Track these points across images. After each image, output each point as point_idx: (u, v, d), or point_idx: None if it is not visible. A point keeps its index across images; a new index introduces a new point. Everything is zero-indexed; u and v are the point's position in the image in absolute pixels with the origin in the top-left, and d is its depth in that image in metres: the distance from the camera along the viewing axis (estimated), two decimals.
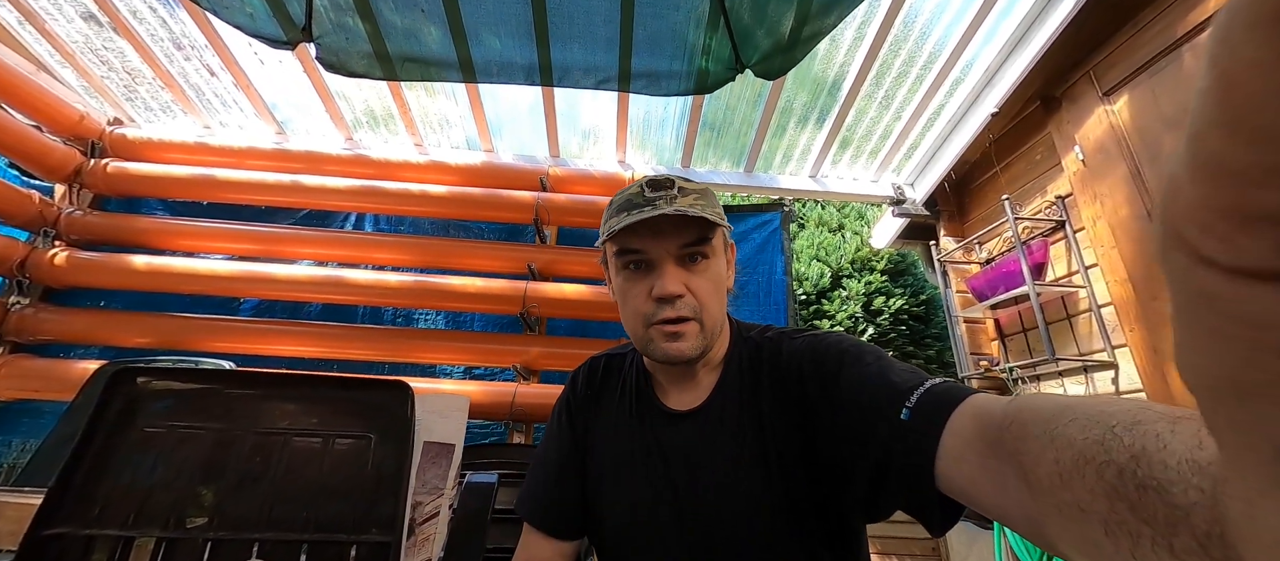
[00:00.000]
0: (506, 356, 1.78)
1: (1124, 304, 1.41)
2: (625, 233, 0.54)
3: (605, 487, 0.61)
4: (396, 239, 1.96)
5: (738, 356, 0.60)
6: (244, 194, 1.90)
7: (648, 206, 0.54)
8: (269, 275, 1.78)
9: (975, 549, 2.96)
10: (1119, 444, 0.23)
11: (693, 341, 0.55)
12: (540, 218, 1.91)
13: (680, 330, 0.55)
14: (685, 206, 0.54)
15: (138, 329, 1.70)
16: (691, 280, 0.56)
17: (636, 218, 0.53)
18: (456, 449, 0.97)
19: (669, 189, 0.55)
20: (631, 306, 0.57)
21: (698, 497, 0.55)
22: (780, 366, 0.56)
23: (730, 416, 0.57)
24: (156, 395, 0.75)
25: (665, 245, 0.55)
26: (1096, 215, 1.51)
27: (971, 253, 2.04)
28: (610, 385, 0.67)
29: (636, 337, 0.58)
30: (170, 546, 0.66)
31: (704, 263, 0.57)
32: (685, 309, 0.55)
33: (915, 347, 4.22)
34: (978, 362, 1.91)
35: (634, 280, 0.57)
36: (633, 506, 0.58)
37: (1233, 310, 0.07)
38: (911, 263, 4.36)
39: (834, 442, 0.49)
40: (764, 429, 0.55)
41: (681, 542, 0.55)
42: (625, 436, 0.61)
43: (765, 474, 0.53)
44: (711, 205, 0.57)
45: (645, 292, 0.56)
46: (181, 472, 0.70)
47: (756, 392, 0.57)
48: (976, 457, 0.33)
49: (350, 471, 0.75)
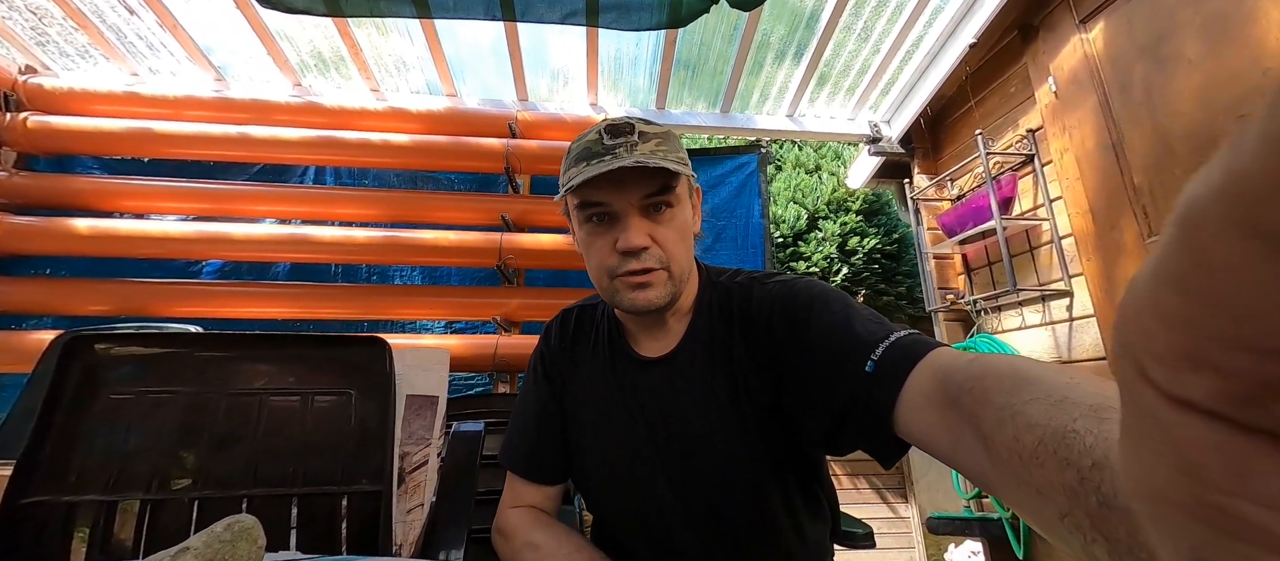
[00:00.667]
0: (486, 309, 1.77)
1: (1083, 235, 1.47)
2: (585, 186, 0.53)
3: (585, 437, 0.62)
4: (362, 193, 1.87)
5: (707, 302, 0.61)
6: (187, 148, 1.77)
7: (607, 155, 0.52)
8: (228, 235, 1.70)
9: (935, 465, 3.22)
10: (1080, 445, 0.22)
11: (660, 290, 0.55)
12: (511, 166, 1.85)
13: (647, 280, 0.54)
14: (646, 154, 0.52)
15: (93, 296, 1.62)
16: (656, 230, 0.55)
17: (596, 170, 0.51)
18: (440, 400, 0.98)
19: (629, 135, 0.53)
20: (596, 259, 0.56)
21: (674, 442, 0.57)
22: (750, 312, 0.57)
23: (701, 361, 0.58)
24: (118, 361, 0.72)
25: (627, 196, 0.54)
26: (1064, 147, 1.54)
27: (944, 189, 2.07)
28: (583, 336, 0.67)
29: (603, 290, 0.58)
30: (156, 508, 0.67)
31: (669, 211, 0.55)
32: (651, 260, 0.54)
33: (887, 285, 4.37)
34: (944, 297, 2.00)
35: (597, 233, 0.56)
36: (613, 454, 0.60)
37: (1166, 432, 0.08)
38: (885, 202, 4.42)
39: (801, 387, 0.50)
40: (735, 372, 0.56)
41: (663, 484, 0.57)
42: (601, 386, 0.62)
43: (738, 415, 0.55)
44: (674, 150, 0.55)
45: (609, 246, 0.55)
46: (158, 437, 0.69)
47: (727, 337, 0.57)
48: (935, 411, 0.35)
49: (333, 427, 0.76)
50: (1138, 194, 1.32)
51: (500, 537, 0.62)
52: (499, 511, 0.64)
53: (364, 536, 0.71)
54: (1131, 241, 1.33)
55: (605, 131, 0.54)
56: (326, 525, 0.72)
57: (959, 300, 1.95)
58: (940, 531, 1.84)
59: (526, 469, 0.64)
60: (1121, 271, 1.35)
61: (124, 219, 1.74)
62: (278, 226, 1.79)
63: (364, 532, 0.71)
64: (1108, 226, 1.39)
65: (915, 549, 3.06)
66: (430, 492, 0.94)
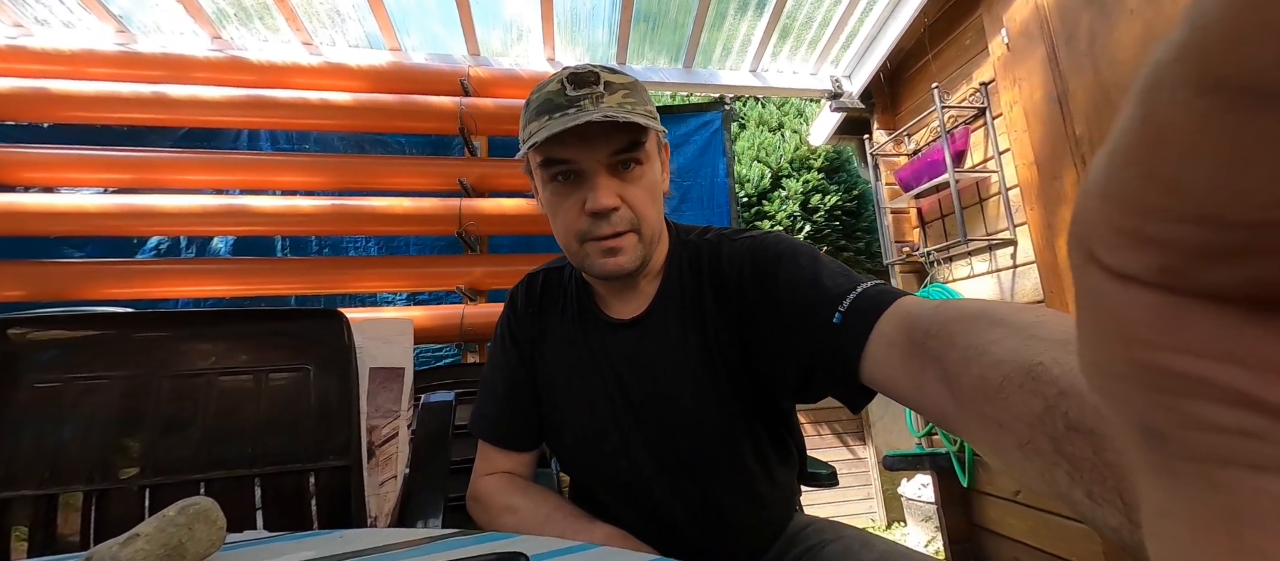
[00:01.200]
0: (449, 279, 1.72)
1: (1028, 185, 1.55)
2: (549, 142, 0.49)
3: (558, 402, 0.61)
4: (303, 158, 1.74)
5: (677, 261, 0.60)
6: (92, 111, 1.58)
7: (572, 108, 0.49)
8: (156, 208, 1.55)
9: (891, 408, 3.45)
10: (1047, 376, 0.22)
11: (631, 254, 0.53)
12: (466, 127, 1.75)
13: (618, 245, 0.52)
14: (614, 106, 0.49)
15: (5, 280, 1.46)
16: (626, 189, 0.52)
17: (560, 125, 0.47)
18: (406, 372, 0.96)
19: (594, 85, 0.49)
20: (563, 222, 0.54)
21: (647, 402, 0.57)
22: (721, 268, 0.56)
23: (673, 321, 0.57)
24: (39, 347, 0.66)
25: (594, 153, 0.50)
26: (1013, 100, 1.59)
27: (901, 144, 2.12)
28: (551, 300, 0.65)
29: (571, 253, 0.56)
30: (102, 498, 0.63)
31: (638, 169, 0.53)
32: (621, 223, 0.52)
33: (847, 241, 4.52)
34: (901, 250, 2.08)
35: (563, 193, 0.53)
36: (586, 417, 0.60)
37: (1108, 308, 0.08)
38: (846, 159, 4.51)
39: (770, 340, 0.51)
40: (706, 330, 0.56)
41: (638, 444, 0.58)
42: (572, 350, 0.61)
43: (710, 374, 0.55)
44: (642, 102, 0.52)
45: (577, 207, 0.52)
46: (93, 425, 0.64)
47: (698, 296, 0.57)
48: (899, 359, 0.35)
49: (291, 404, 0.73)
50: (1078, 144, 1.39)
51: (475, 505, 0.61)
52: (472, 480, 0.63)
53: (335, 511, 0.70)
54: (1071, 189, 1.41)
55: (568, 81, 0.50)
56: (295, 503, 0.70)
57: (914, 252, 2.03)
58: (895, 468, 1.99)
59: (498, 436, 0.63)
60: (1061, 219, 1.43)
61: (30, 193, 1.56)
62: (213, 197, 1.65)
63: (335, 508, 0.70)
64: (1050, 177, 1.47)
65: (872, 484, 3.32)
66: (402, 464, 0.93)
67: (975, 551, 1.82)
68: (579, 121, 0.47)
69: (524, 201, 1.77)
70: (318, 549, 0.39)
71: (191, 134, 1.77)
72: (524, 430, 0.63)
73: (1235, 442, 0.07)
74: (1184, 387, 0.07)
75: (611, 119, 0.47)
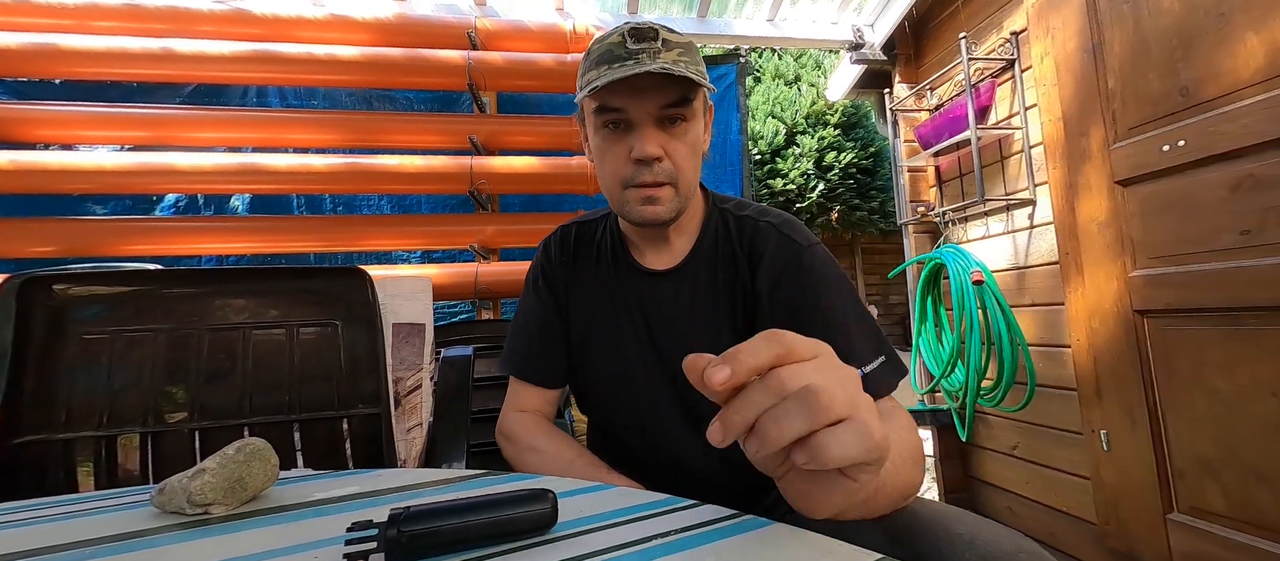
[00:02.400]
0: (462, 237, 1.74)
1: (1052, 142, 1.50)
2: (605, 90, 0.53)
3: (589, 342, 0.65)
4: (313, 115, 1.73)
5: (713, 224, 0.63)
6: (102, 66, 1.57)
7: (630, 60, 0.52)
8: (173, 166, 1.57)
9: None
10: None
11: (668, 205, 0.57)
12: (474, 83, 1.72)
13: (656, 194, 0.56)
14: (669, 62, 0.52)
15: (34, 236, 1.50)
16: (670, 143, 0.55)
17: (619, 74, 0.51)
18: (427, 327, 1.00)
19: (652, 41, 0.53)
20: (609, 167, 0.57)
21: (674, 349, 0.60)
22: (755, 246, 0.60)
23: (704, 278, 0.61)
24: (82, 302, 0.70)
25: (645, 105, 0.54)
26: (1045, 51, 1.51)
27: (923, 99, 2.04)
28: (585, 251, 0.68)
29: (613, 198, 0.59)
30: (156, 439, 0.68)
31: (683, 125, 0.56)
32: (662, 173, 0.56)
33: (861, 199, 4.44)
34: (915, 210, 2.05)
35: (612, 140, 0.56)
36: (614, 358, 0.63)
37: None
38: (864, 114, 4.35)
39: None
40: (735, 295, 0.60)
41: (661, 388, 0.61)
42: (605, 297, 0.64)
43: (733, 332, 0.59)
44: (695, 62, 0.55)
45: (624, 154, 0.56)
46: (142, 375, 0.69)
47: (732, 259, 0.61)
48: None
49: (322, 357, 0.77)
50: (1109, 99, 1.33)
51: (505, 440, 0.65)
52: (502, 415, 0.67)
53: (369, 454, 0.75)
54: (1096, 147, 1.36)
55: (629, 35, 0.53)
56: (330, 446, 0.75)
57: (928, 212, 2.00)
58: None
59: (530, 372, 0.66)
60: (1084, 178, 1.40)
61: (50, 151, 1.58)
62: (228, 155, 1.66)
63: (368, 450, 0.75)
64: (1077, 134, 1.42)
65: None
66: (426, 413, 0.98)
67: (969, 501, 1.89)
68: (635, 72, 0.50)
69: (535, 160, 1.76)
70: (360, 485, 0.43)
71: (200, 90, 1.76)
72: (554, 368, 0.67)
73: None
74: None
75: (666, 72, 0.50)
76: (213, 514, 0.36)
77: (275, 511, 0.37)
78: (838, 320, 0.54)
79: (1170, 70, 1.19)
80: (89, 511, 0.38)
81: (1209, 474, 1.13)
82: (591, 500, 0.36)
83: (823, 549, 0.27)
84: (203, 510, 0.36)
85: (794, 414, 0.23)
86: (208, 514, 0.36)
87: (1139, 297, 1.25)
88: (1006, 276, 1.71)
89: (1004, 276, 1.71)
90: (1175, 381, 1.20)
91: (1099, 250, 1.35)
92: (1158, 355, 1.23)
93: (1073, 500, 1.50)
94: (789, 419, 0.23)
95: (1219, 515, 1.12)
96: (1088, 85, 1.38)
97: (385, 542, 0.25)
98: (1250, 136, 1.04)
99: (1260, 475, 1.05)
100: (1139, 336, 1.26)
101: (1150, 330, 1.25)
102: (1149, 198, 1.24)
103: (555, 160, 1.78)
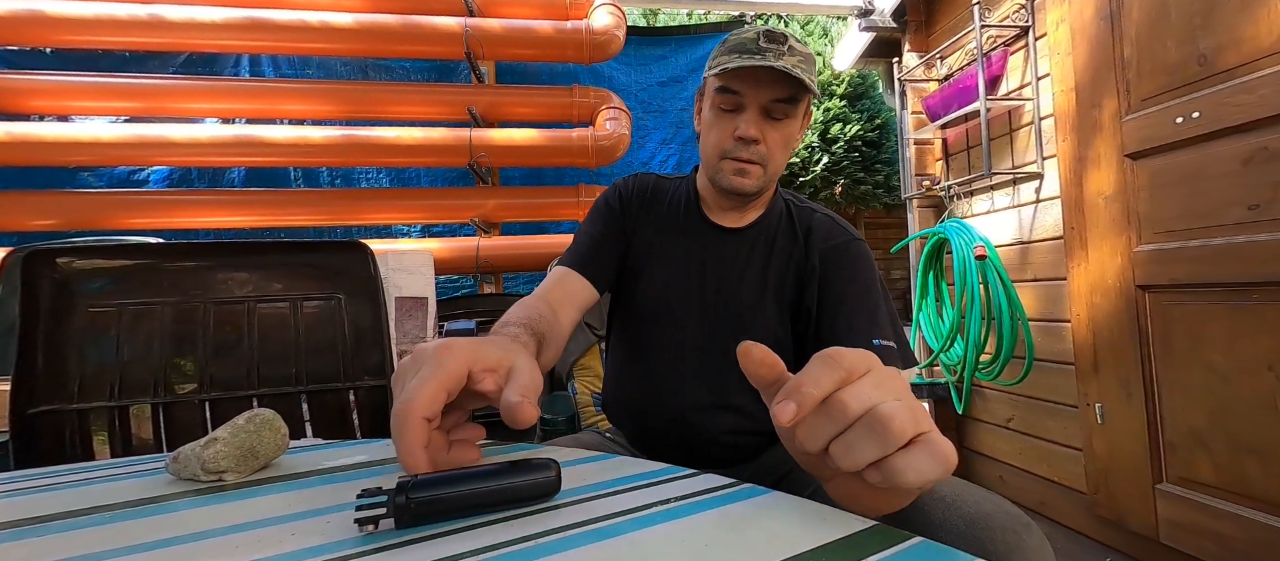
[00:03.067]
0: (462, 211, 1.73)
1: (1063, 114, 1.47)
2: (731, 74, 0.61)
3: (645, 268, 0.71)
4: (308, 86, 1.70)
5: (780, 205, 0.72)
6: (92, 34, 1.53)
7: (758, 55, 0.60)
8: (169, 138, 1.55)
9: None
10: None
11: (755, 180, 0.65)
12: (472, 51, 1.67)
13: (747, 168, 0.64)
14: (791, 65, 0.60)
15: (32, 210, 1.50)
16: (769, 131, 0.64)
17: (746, 63, 0.59)
18: (429, 301, 1.00)
19: (781, 44, 0.61)
20: (714, 137, 0.66)
21: (718, 296, 0.68)
22: (811, 226, 0.69)
23: (763, 245, 0.69)
24: (87, 275, 0.70)
25: (759, 95, 0.62)
26: (1061, 17, 1.46)
27: (932, 68, 1.99)
28: (659, 198, 0.74)
29: (708, 163, 0.67)
30: (169, 409, 0.70)
31: (785, 120, 0.64)
32: (756, 154, 0.64)
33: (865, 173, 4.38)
34: (920, 183, 2.02)
35: (723, 117, 0.65)
36: (663, 289, 0.69)
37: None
38: (871, 84, 4.25)
39: (818, 302, 0.66)
40: (786, 267, 0.68)
41: (695, 323, 0.67)
42: (671, 232, 0.71)
43: (776, 299, 0.68)
44: (810, 72, 0.63)
45: (730, 130, 0.64)
46: (150, 347, 0.70)
47: (790, 239, 0.70)
48: None
49: (327, 330, 0.77)
50: (1124, 68, 1.30)
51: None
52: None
53: (376, 424, 0.76)
54: (1108, 119, 1.33)
55: (763, 36, 0.62)
56: (338, 417, 0.76)
57: (934, 186, 1.98)
58: None
59: (577, 262, 0.68)
60: (1093, 151, 1.37)
61: (44, 123, 1.56)
62: (224, 127, 1.64)
63: (376, 421, 0.76)
64: (1089, 105, 1.38)
65: None
66: None
67: (962, 471, 1.94)
68: (761, 64, 0.59)
69: (535, 132, 1.73)
70: (368, 454, 0.44)
71: (192, 59, 1.73)
72: (602, 269, 0.70)
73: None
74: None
75: (786, 71, 0.59)
76: (226, 481, 0.37)
77: (287, 479, 0.38)
78: (871, 296, 0.64)
79: (1189, 37, 1.15)
80: (106, 478, 0.39)
81: (1200, 445, 1.15)
82: (594, 468, 0.37)
83: (818, 515, 0.27)
84: (216, 477, 0.37)
85: (866, 441, 0.24)
86: (221, 481, 0.37)
87: (1142, 273, 1.25)
88: (1010, 251, 1.70)
89: (1007, 251, 1.70)
90: (1173, 355, 1.21)
91: (1104, 225, 1.34)
92: (1157, 330, 1.24)
93: (1064, 470, 1.54)
94: (862, 446, 0.24)
95: (1207, 485, 1.14)
96: (1103, 53, 1.34)
97: (394, 509, 0.26)
98: (1267, 108, 1.01)
99: (1250, 447, 1.06)
100: (1139, 311, 1.26)
101: (1151, 305, 1.25)
102: (1159, 171, 1.22)
103: (556, 132, 1.75)
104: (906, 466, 0.24)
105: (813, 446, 0.25)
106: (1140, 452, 1.27)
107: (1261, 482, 1.05)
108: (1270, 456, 1.03)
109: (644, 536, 0.25)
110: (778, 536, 0.25)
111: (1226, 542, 1.09)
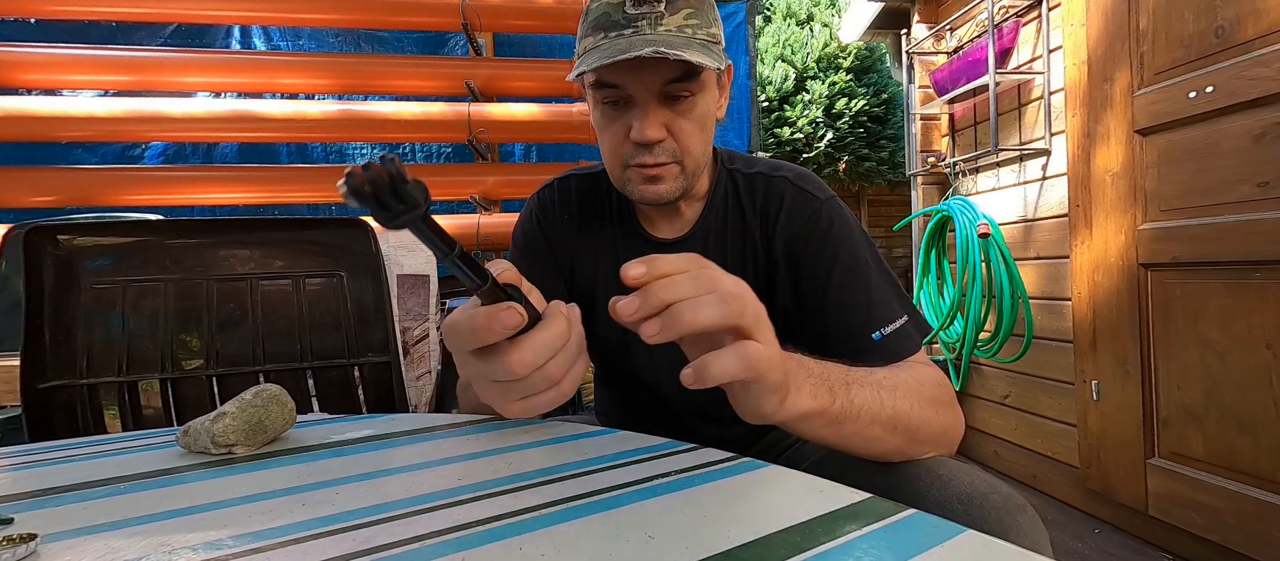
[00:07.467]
0: (461, 188, 1.72)
1: (1074, 88, 1.44)
2: (605, 70, 0.48)
3: (596, 304, 0.61)
4: (302, 58, 1.66)
5: (723, 187, 0.60)
6: (81, 4, 1.50)
7: (628, 28, 0.47)
8: (161, 113, 1.53)
9: None
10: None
11: (671, 184, 0.53)
12: (469, 22, 1.63)
13: (659, 173, 0.52)
14: (674, 29, 0.47)
15: (27, 186, 1.49)
16: (674, 121, 0.51)
17: (609, 55, 0.46)
18: (431, 278, 1.01)
19: (655, 3, 0.47)
20: (609, 145, 0.54)
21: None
22: (771, 213, 0.57)
23: (713, 246, 0.59)
24: (90, 252, 0.70)
25: (646, 82, 0.49)
26: None
27: (942, 40, 1.94)
28: (588, 208, 0.64)
29: (614, 177, 0.56)
30: (176, 385, 0.71)
31: (690, 101, 0.51)
32: (664, 154, 0.52)
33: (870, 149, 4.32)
34: (925, 160, 2.00)
35: (611, 117, 0.52)
36: (623, 333, 0.59)
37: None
38: (878, 57, 4.15)
39: (802, 302, 0.55)
40: (745, 260, 0.58)
41: (669, 359, 0.58)
42: (610, 260, 0.61)
43: None
44: (706, 25, 0.50)
45: (623, 133, 0.52)
46: (156, 323, 0.70)
47: (742, 227, 0.58)
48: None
49: (329, 307, 0.78)
50: (1139, 40, 1.26)
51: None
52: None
53: (381, 400, 0.78)
54: (1119, 94, 1.30)
55: None
56: (343, 392, 0.78)
57: (939, 163, 1.95)
58: None
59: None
60: (1103, 127, 1.35)
61: (31, 97, 1.53)
62: (217, 101, 1.61)
63: (380, 397, 0.78)
64: (1101, 79, 1.35)
65: None
66: (435, 361, 1.01)
67: (957, 447, 1.97)
68: (627, 56, 0.45)
69: (535, 107, 1.71)
70: (375, 428, 0.45)
71: (181, 30, 1.68)
72: (556, 296, 0.64)
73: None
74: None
75: (662, 56, 0.45)
76: (236, 454, 0.38)
77: (296, 452, 0.38)
78: (861, 277, 0.52)
79: (1207, 7, 1.12)
80: (118, 451, 0.40)
81: (1193, 421, 1.17)
82: (596, 443, 0.38)
83: (813, 487, 0.28)
84: (226, 451, 0.38)
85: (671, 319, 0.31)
86: (231, 454, 0.38)
87: (1145, 251, 1.25)
88: (1013, 229, 1.69)
89: (1011, 229, 1.69)
90: (1171, 333, 1.21)
91: (1110, 202, 1.33)
92: (1157, 308, 1.24)
93: (1057, 446, 1.56)
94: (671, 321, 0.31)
95: (1198, 460, 1.16)
96: (1118, 23, 1.31)
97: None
98: None
99: (1242, 423, 1.08)
100: (1141, 289, 1.26)
101: (1152, 283, 1.25)
102: (1167, 148, 1.20)
103: (556, 107, 1.72)
104: (712, 360, 0.30)
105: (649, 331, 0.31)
106: (1134, 428, 1.28)
107: (1251, 458, 1.07)
108: (1261, 432, 1.05)
109: (645, 507, 0.26)
110: (776, 508, 0.26)
111: (1213, 515, 1.12)
